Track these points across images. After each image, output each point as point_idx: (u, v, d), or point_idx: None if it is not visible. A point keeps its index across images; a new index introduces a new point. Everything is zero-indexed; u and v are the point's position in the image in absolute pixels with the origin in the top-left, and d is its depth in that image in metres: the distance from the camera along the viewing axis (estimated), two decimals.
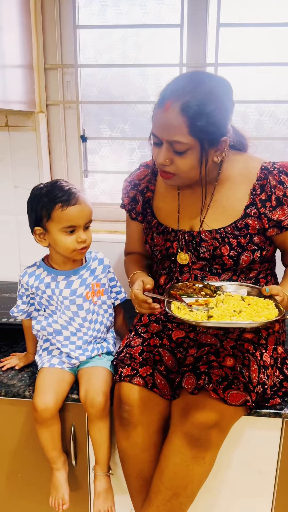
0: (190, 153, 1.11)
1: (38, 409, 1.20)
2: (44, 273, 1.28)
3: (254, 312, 1.07)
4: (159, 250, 1.32)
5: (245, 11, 1.61)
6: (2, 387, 1.30)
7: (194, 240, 1.26)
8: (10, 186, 1.79)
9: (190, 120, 1.07)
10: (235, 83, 1.65)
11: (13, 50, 1.51)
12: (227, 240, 1.23)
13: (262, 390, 1.15)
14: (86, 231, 1.22)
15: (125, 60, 1.72)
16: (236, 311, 1.08)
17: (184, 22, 1.60)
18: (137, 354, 1.21)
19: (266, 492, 1.30)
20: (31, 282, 1.28)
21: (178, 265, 1.30)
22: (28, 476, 1.39)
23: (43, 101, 1.73)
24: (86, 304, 1.28)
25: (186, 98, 1.07)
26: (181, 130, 1.08)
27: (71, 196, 1.17)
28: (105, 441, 1.24)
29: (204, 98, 1.07)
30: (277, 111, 1.69)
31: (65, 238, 1.18)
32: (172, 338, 1.26)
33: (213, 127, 1.09)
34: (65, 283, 1.26)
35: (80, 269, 1.28)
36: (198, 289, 1.20)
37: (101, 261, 1.32)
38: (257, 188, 1.22)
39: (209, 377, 1.09)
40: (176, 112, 1.07)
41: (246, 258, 1.23)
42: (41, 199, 1.19)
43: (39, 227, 1.21)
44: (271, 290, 1.12)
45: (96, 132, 1.81)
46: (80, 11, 1.67)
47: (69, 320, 1.28)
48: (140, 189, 1.37)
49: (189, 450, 1.08)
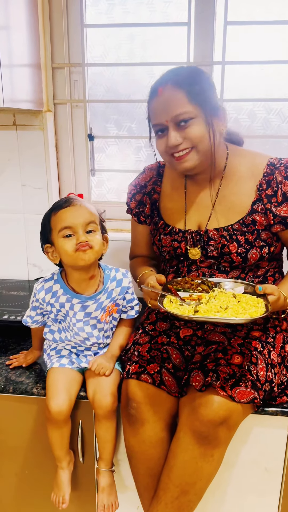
0: (196, 121, 1.15)
1: (52, 411, 1.20)
2: (60, 290, 1.23)
3: (241, 309, 1.08)
4: (167, 251, 1.32)
5: (253, 9, 1.61)
6: (10, 384, 1.31)
7: (201, 239, 1.26)
8: (17, 184, 1.80)
9: (187, 89, 1.13)
10: (243, 81, 1.67)
11: (20, 49, 1.52)
12: (235, 237, 1.23)
13: (269, 388, 1.15)
14: (89, 234, 1.16)
15: (132, 59, 1.72)
16: (223, 307, 1.08)
17: (192, 20, 1.60)
18: (144, 352, 1.22)
19: (273, 490, 1.30)
20: (47, 299, 1.23)
21: (186, 264, 1.30)
22: (35, 473, 1.40)
23: (51, 100, 1.74)
24: (100, 325, 1.28)
25: (173, 78, 1.15)
26: (182, 101, 1.13)
27: (63, 200, 1.18)
28: (111, 439, 1.25)
29: (190, 72, 1.18)
30: (285, 109, 1.69)
31: (64, 243, 1.14)
32: (179, 336, 1.27)
33: (208, 92, 1.17)
34: (80, 306, 1.23)
35: (97, 294, 1.23)
36: (196, 284, 1.21)
37: (120, 282, 1.27)
38: (264, 184, 1.23)
39: (216, 375, 1.09)
40: (171, 89, 1.14)
41: (255, 254, 1.23)
42: (44, 218, 1.21)
43: (47, 244, 1.21)
44: (264, 289, 1.11)
45: (103, 130, 1.82)
46: (87, 10, 1.68)
47: (83, 339, 1.28)
48: (147, 192, 1.38)
49: (197, 448, 1.08)
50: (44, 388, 1.28)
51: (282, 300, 1.15)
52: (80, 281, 1.22)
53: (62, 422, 1.22)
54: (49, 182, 1.78)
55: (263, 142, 1.73)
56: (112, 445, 1.26)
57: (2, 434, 1.38)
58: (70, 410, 1.24)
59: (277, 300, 1.12)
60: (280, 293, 1.14)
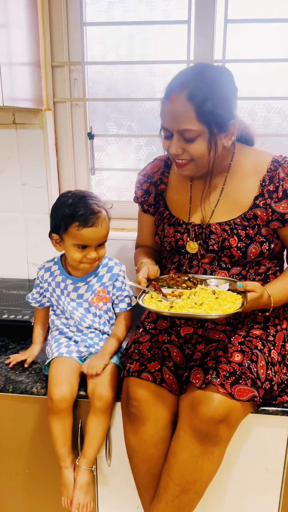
0: (200, 139, 1.14)
1: (54, 399, 1.21)
2: (57, 271, 1.33)
3: (217, 305, 1.08)
4: (168, 242, 1.33)
5: (253, 7, 1.60)
6: (10, 383, 1.31)
7: (203, 232, 1.27)
8: (17, 183, 1.80)
9: (197, 106, 1.10)
10: (243, 80, 1.66)
11: (20, 48, 1.52)
12: (236, 231, 1.24)
13: (269, 386, 1.14)
14: (99, 248, 1.24)
15: (132, 57, 1.72)
16: (198, 303, 1.09)
17: (192, 18, 1.59)
18: (145, 350, 1.22)
19: (273, 490, 1.29)
20: (46, 277, 1.34)
21: (188, 257, 1.30)
22: (35, 472, 1.40)
23: (50, 98, 1.73)
24: (92, 308, 1.32)
25: (190, 86, 1.11)
26: (190, 118, 1.12)
27: (90, 217, 1.19)
28: (100, 436, 1.25)
29: (207, 84, 1.12)
30: (285, 107, 1.68)
31: (76, 253, 1.22)
32: (180, 334, 1.26)
33: (220, 110, 1.12)
34: (72, 287, 1.31)
35: (87, 276, 1.31)
36: (181, 281, 1.22)
37: (111, 269, 1.33)
38: (267, 179, 1.23)
39: (216, 372, 1.09)
40: (183, 100, 1.11)
41: (254, 250, 1.23)
42: (63, 209, 1.21)
43: (56, 235, 1.24)
44: (245, 285, 1.12)
45: (103, 129, 1.81)
46: (87, 8, 1.67)
47: (79, 320, 1.32)
48: (154, 181, 1.39)
49: (197, 446, 1.08)
50: (44, 388, 1.28)
51: (265, 298, 1.16)
52: (76, 267, 1.29)
53: (64, 412, 1.22)
54: (49, 181, 1.78)
55: (263, 140, 1.72)
56: (99, 444, 1.25)
57: (1, 434, 1.37)
58: (73, 399, 1.24)
59: (259, 298, 1.13)
60: (264, 291, 1.15)
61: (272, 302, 1.18)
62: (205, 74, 1.14)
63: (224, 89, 1.15)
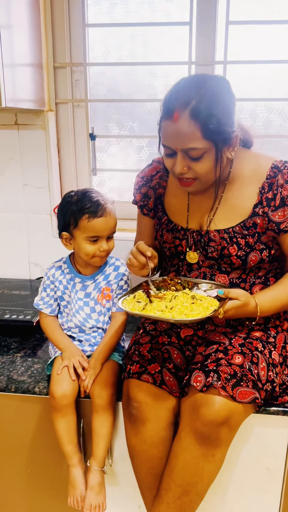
0: (206, 156, 1.11)
1: (56, 396, 1.22)
2: (67, 269, 1.36)
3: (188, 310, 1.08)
4: (168, 248, 1.32)
5: (254, 8, 1.60)
6: (12, 383, 1.31)
7: (202, 239, 1.26)
8: (19, 184, 1.81)
9: (203, 124, 1.07)
10: (244, 81, 1.67)
11: (22, 49, 1.52)
12: (235, 240, 1.22)
13: (271, 388, 1.15)
14: (109, 240, 1.27)
15: (134, 58, 1.72)
16: (168, 306, 1.10)
17: (193, 20, 1.59)
18: (145, 352, 1.22)
19: (274, 489, 1.30)
20: (57, 275, 1.36)
21: (186, 263, 1.30)
22: (37, 471, 1.40)
23: (52, 99, 1.74)
24: (97, 306, 1.33)
25: (193, 104, 1.06)
26: (195, 136, 1.08)
27: (99, 207, 1.23)
28: (106, 434, 1.25)
29: (210, 99, 1.07)
30: (286, 108, 1.68)
31: (88, 246, 1.25)
32: (180, 336, 1.27)
33: (224, 125, 1.09)
34: (81, 286, 1.34)
35: (95, 274, 1.34)
36: (172, 284, 1.22)
37: (117, 268, 1.35)
38: (266, 186, 1.20)
39: (217, 375, 1.09)
40: (187, 119, 1.07)
41: (255, 257, 1.22)
42: (70, 207, 1.24)
43: (66, 233, 1.27)
44: (227, 293, 1.11)
45: (105, 130, 1.82)
46: (89, 9, 1.68)
47: (82, 321, 1.33)
48: (152, 185, 1.36)
49: (199, 448, 1.08)
50: (46, 388, 1.29)
51: (251, 307, 1.14)
52: (85, 265, 1.33)
53: (66, 408, 1.23)
54: (50, 181, 1.79)
55: (264, 141, 1.72)
56: (106, 442, 1.26)
57: (3, 433, 1.38)
58: (74, 395, 1.25)
59: (243, 306, 1.12)
60: (250, 300, 1.13)
61: (259, 311, 1.16)
62: (205, 88, 1.08)
63: (226, 101, 1.11)
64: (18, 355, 1.45)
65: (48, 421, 1.28)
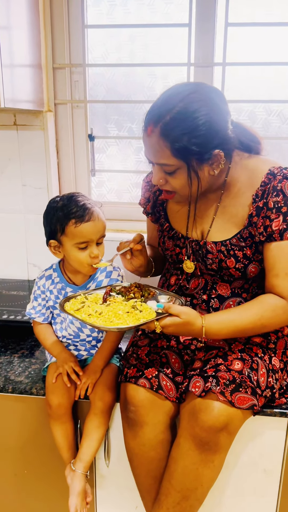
0: (179, 172, 1.09)
1: (52, 405, 1.21)
2: (57, 278, 1.30)
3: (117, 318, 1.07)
4: (169, 255, 1.30)
5: (253, 10, 1.61)
6: (9, 383, 1.31)
7: (201, 250, 1.23)
8: (18, 184, 1.81)
9: (171, 143, 1.04)
10: (243, 83, 1.67)
11: (21, 50, 1.52)
12: (233, 252, 1.18)
13: (270, 394, 1.15)
14: (99, 246, 1.22)
15: (133, 60, 1.72)
16: (98, 311, 1.10)
17: (192, 21, 1.60)
18: (143, 355, 1.22)
19: (271, 491, 1.30)
20: (47, 286, 1.31)
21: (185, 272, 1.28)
22: (34, 472, 1.40)
23: (51, 100, 1.74)
24: None
25: (164, 121, 1.03)
26: (165, 154, 1.06)
27: (86, 211, 1.17)
28: (98, 438, 1.24)
29: (183, 117, 1.02)
30: (285, 110, 1.69)
31: (78, 253, 1.19)
32: (179, 340, 1.26)
33: (197, 145, 1.04)
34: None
35: (87, 282, 1.29)
36: (135, 291, 1.20)
37: (109, 274, 1.30)
38: (259, 194, 1.14)
39: (216, 380, 1.08)
40: (157, 136, 1.05)
41: (254, 269, 1.19)
42: (56, 213, 1.19)
43: (54, 240, 1.22)
44: (167, 308, 1.07)
45: (104, 131, 1.82)
46: (88, 10, 1.68)
47: (77, 330, 1.31)
48: (154, 191, 1.34)
49: (198, 454, 1.08)
50: (43, 389, 1.29)
51: (196, 328, 1.07)
52: (76, 272, 1.28)
53: (64, 416, 1.23)
54: (49, 182, 1.79)
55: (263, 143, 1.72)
56: (96, 446, 1.24)
57: (0, 434, 1.38)
58: (71, 404, 1.25)
59: (185, 325, 1.06)
60: (195, 320, 1.07)
61: (204, 333, 1.08)
62: (181, 103, 1.03)
63: (205, 116, 1.03)
64: (15, 356, 1.45)
65: (45, 422, 1.29)
